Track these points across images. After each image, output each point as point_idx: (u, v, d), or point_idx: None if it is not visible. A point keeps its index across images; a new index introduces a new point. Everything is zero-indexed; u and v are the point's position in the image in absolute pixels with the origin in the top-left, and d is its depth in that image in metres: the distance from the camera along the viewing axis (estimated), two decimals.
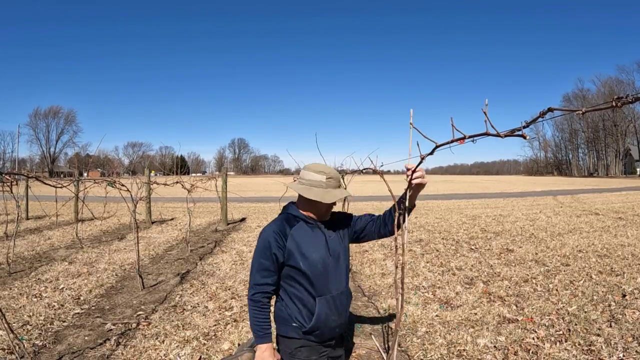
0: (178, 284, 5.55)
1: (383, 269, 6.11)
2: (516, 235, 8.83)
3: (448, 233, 9.62)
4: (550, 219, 11.55)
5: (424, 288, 5.24)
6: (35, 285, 5.28)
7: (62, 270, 6.02)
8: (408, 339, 3.70)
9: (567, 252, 6.74)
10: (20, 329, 3.78)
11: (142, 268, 6.28)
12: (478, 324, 3.96)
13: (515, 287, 5.08)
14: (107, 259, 6.93)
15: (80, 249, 7.64)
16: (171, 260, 7.10)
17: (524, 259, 6.57)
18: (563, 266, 5.80)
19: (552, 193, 26.06)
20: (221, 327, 3.97)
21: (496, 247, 7.65)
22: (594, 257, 6.20)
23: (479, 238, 8.80)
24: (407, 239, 2.64)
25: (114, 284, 5.55)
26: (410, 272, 5.96)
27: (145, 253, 7.56)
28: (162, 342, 3.57)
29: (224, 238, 9.39)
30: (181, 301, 4.81)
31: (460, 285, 5.34)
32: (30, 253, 7.48)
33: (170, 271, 6.34)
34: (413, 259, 6.91)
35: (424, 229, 10.52)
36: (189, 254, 7.58)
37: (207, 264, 6.70)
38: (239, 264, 6.67)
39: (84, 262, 6.62)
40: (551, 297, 4.52)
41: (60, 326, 3.96)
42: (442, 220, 12.33)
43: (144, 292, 5.24)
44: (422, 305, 4.53)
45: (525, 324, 3.87)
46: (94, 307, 4.60)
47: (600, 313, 3.88)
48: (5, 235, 8.58)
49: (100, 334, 3.82)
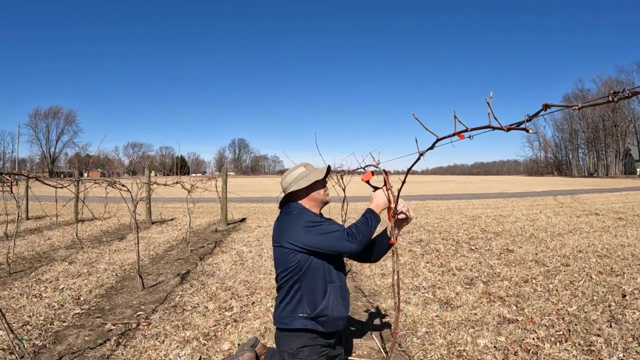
0: (178, 284, 5.54)
1: (383, 269, 6.11)
2: (516, 236, 8.87)
3: (448, 233, 9.65)
4: (550, 219, 11.57)
5: (424, 288, 5.24)
6: (35, 285, 5.29)
7: (62, 270, 6.01)
8: (408, 339, 3.72)
9: (567, 252, 6.74)
10: (20, 329, 3.79)
11: (142, 268, 6.27)
12: (478, 324, 3.97)
13: (515, 288, 5.10)
14: (107, 259, 6.94)
15: (80, 249, 7.65)
16: (171, 261, 7.09)
17: (524, 259, 6.59)
18: (563, 266, 5.80)
19: (552, 193, 26.14)
20: (221, 328, 3.98)
21: (496, 247, 7.68)
22: (594, 258, 6.20)
23: (479, 238, 8.83)
24: (395, 260, 2.67)
25: (114, 284, 5.56)
26: (411, 273, 5.97)
27: (145, 253, 7.55)
28: (162, 342, 3.59)
29: (224, 238, 9.42)
30: (181, 301, 4.80)
31: (460, 285, 5.33)
32: (30, 253, 7.49)
33: (170, 271, 6.34)
34: (413, 259, 6.91)
35: (424, 229, 10.48)
36: (189, 254, 7.59)
37: (207, 264, 6.69)
38: (239, 264, 6.67)
39: (84, 262, 6.62)
40: (551, 297, 4.56)
41: (60, 326, 3.98)
42: (442, 220, 12.34)
43: (144, 292, 5.24)
44: (422, 306, 4.54)
45: (526, 324, 3.90)
46: (94, 307, 4.61)
47: (600, 313, 3.88)
48: (6, 236, 8.58)
49: (100, 334, 3.84)
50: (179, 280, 5.77)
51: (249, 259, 7.12)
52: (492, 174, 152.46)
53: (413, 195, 26.01)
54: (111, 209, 15.41)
